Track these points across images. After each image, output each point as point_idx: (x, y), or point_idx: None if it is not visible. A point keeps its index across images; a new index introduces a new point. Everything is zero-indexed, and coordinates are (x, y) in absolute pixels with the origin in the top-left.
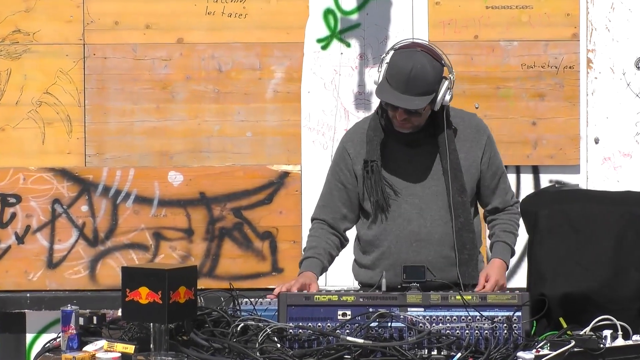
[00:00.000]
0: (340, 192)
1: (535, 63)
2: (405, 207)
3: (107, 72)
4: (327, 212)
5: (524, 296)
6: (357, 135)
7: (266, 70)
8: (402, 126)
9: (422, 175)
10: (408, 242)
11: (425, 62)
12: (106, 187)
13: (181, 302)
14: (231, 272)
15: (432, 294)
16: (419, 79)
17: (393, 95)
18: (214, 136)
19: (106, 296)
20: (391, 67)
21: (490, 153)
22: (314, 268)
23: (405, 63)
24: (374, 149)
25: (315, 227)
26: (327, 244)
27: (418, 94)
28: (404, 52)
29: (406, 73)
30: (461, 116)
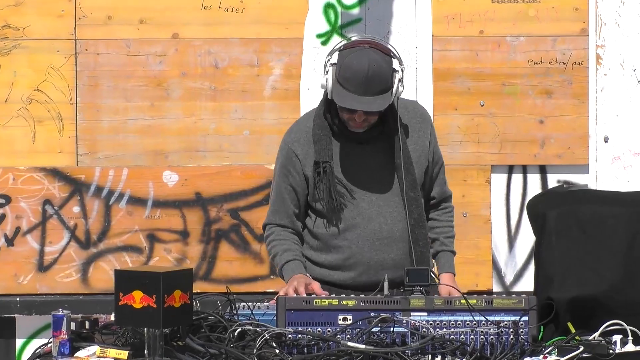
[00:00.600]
0: (291, 195)
1: (542, 59)
2: (363, 205)
3: (99, 68)
4: (282, 216)
5: (531, 300)
6: (302, 135)
7: (264, 66)
8: (359, 126)
9: (376, 172)
10: (370, 241)
11: (379, 58)
12: (99, 187)
13: (176, 307)
14: (228, 275)
15: (435, 298)
16: (376, 77)
17: (354, 99)
18: (210, 135)
19: (99, 300)
20: (344, 70)
21: (434, 142)
22: (301, 270)
23: (359, 63)
24: (325, 148)
25: (275, 231)
26: (296, 244)
27: (377, 93)
28: (353, 51)
29: (363, 74)
30: (404, 105)
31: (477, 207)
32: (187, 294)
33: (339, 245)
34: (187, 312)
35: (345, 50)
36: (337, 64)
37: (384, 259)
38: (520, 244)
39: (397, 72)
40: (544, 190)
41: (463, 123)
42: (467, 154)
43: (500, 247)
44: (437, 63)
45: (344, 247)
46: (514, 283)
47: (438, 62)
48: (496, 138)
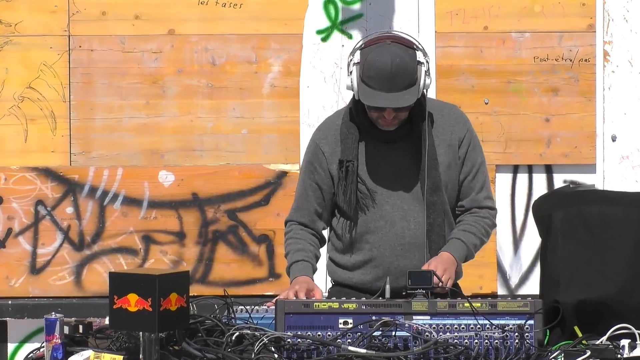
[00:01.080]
0: (316, 193)
1: (548, 56)
2: (387, 208)
3: (93, 65)
4: (304, 214)
5: (537, 303)
6: (330, 132)
7: (263, 63)
8: (389, 124)
9: (401, 174)
10: (392, 246)
11: (401, 53)
12: (93, 187)
13: (172, 310)
14: (225, 277)
15: (439, 301)
16: (400, 72)
17: (380, 97)
18: (207, 134)
19: (93, 303)
20: (367, 68)
21: (468, 147)
22: (308, 272)
23: (382, 60)
24: (350, 147)
25: (293, 229)
26: (311, 245)
27: (404, 88)
28: (375, 48)
29: (387, 70)
30: (440, 108)
31: None
32: (184, 297)
33: (360, 248)
34: (184, 315)
35: (367, 48)
36: (360, 63)
37: (405, 265)
38: (525, 245)
39: (422, 64)
40: (550, 190)
41: None
42: None
43: (505, 248)
44: (441, 60)
45: (365, 250)
46: (519, 286)
47: (441, 58)
48: (501, 137)
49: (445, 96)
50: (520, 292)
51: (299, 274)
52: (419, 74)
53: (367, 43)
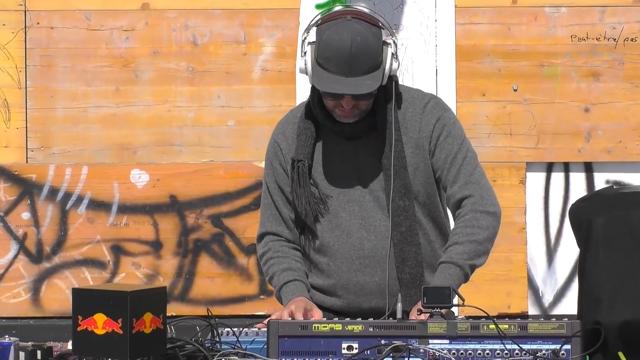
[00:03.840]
0: (282, 197)
1: (588, 34)
2: (344, 216)
3: (54, 45)
4: (277, 222)
5: (574, 325)
6: (289, 127)
7: (253, 43)
8: (348, 115)
9: (362, 175)
10: (349, 260)
11: (363, 30)
12: (53, 189)
13: (147, 333)
14: (209, 294)
15: (459, 323)
16: (362, 53)
17: (338, 82)
18: (187, 125)
19: (53, 325)
20: (323, 48)
21: (438, 139)
22: (302, 292)
23: (340, 38)
24: (303, 145)
25: (273, 245)
26: (298, 262)
27: (365, 72)
28: (333, 24)
29: (346, 51)
30: (412, 99)
31: (509, 212)
32: (160, 317)
33: (318, 262)
34: (160, 339)
35: (324, 24)
36: (315, 42)
37: (365, 282)
38: (561, 257)
39: (389, 45)
40: (589, 192)
41: (492, 111)
42: (497, 148)
43: (538, 261)
44: (462, 39)
45: (323, 265)
46: (554, 304)
47: (462, 37)
48: (532, 130)
49: (466, 82)
50: (555, 312)
51: (293, 295)
52: (385, 56)
53: (324, 19)
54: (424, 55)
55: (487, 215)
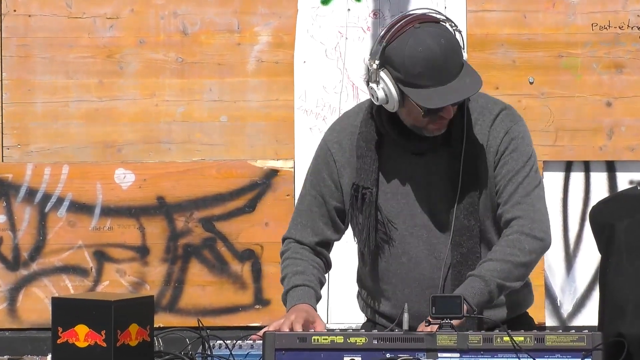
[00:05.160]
0: (321, 209)
1: (610, 22)
2: (411, 241)
3: (32, 34)
4: (306, 233)
5: (596, 337)
6: (345, 136)
7: (247, 32)
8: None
9: (429, 195)
10: (419, 290)
11: (439, 31)
12: (31, 190)
13: (132, 346)
14: (200, 304)
15: (470, 335)
16: (450, 55)
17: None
18: (176, 121)
19: (30, 337)
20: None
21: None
22: (309, 299)
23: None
24: (368, 170)
25: (292, 248)
26: (314, 267)
27: (459, 72)
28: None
29: (437, 59)
30: (483, 107)
31: None
32: (147, 329)
33: (383, 290)
34: (147, 352)
35: (394, 42)
36: (392, 65)
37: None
38: (580, 264)
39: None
40: (611, 194)
41: None
42: None
43: (556, 268)
44: (473, 28)
45: (389, 293)
46: (573, 315)
47: (474, 26)
48: (550, 126)
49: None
50: (574, 324)
51: (298, 301)
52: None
53: (389, 38)
54: None
55: (533, 240)
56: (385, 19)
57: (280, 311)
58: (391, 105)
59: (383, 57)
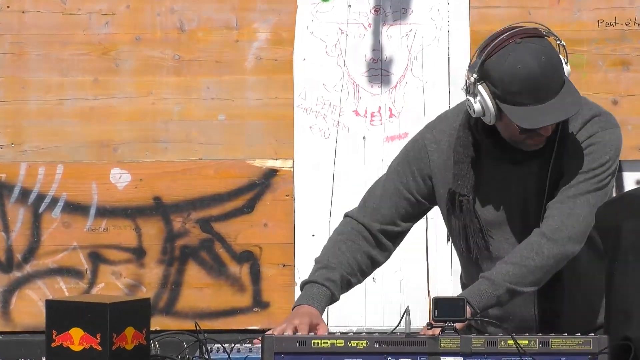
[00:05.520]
0: (401, 202)
1: (617, 19)
2: (506, 247)
3: (25, 31)
4: (375, 218)
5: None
6: (444, 138)
7: (245, 29)
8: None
9: (525, 203)
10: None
11: (540, 47)
12: (24, 190)
13: (128, 349)
14: (197, 307)
15: (473, 338)
16: (550, 73)
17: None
18: (173, 120)
19: (24, 340)
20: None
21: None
22: (318, 302)
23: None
24: (465, 176)
25: (348, 232)
26: (353, 265)
27: (559, 90)
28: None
29: (537, 77)
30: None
31: None
32: (143, 332)
33: None
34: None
35: (493, 57)
36: (491, 78)
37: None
38: None
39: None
40: (618, 194)
41: None
42: None
43: None
44: (476, 24)
45: None
46: None
47: (477, 23)
48: None
49: None
50: None
51: (306, 301)
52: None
53: (490, 51)
54: (434, 42)
55: (554, 245)
56: (387, 15)
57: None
58: (488, 119)
59: (482, 71)
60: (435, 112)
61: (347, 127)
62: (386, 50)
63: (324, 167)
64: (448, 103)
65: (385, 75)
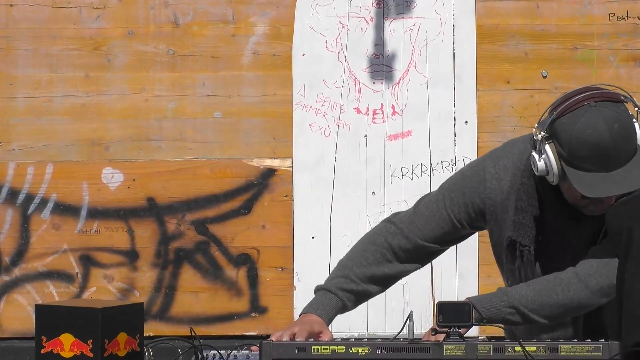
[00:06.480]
0: (448, 228)
1: (628, 12)
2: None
3: (13, 25)
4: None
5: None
6: (507, 176)
7: (242, 23)
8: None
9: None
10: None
11: (615, 114)
12: (13, 190)
13: (120, 356)
14: (192, 312)
15: (480, 344)
16: (621, 142)
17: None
18: (167, 118)
19: (12, 347)
20: (575, 146)
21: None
22: (326, 311)
23: (595, 131)
24: (527, 225)
25: (381, 243)
26: (374, 277)
27: (628, 159)
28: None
29: (607, 145)
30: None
31: None
32: (136, 338)
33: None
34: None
35: (565, 117)
36: (559, 138)
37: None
38: None
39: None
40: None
41: (518, 101)
42: None
43: None
44: (482, 18)
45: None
46: None
47: (484, 16)
48: None
49: (488, 67)
50: None
51: (313, 309)
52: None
53: (562, 110)
54: (439, 37)
55: (584, 289)
56: (389, 8)
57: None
58: (551, 178)
59: (551, 129)
60: (440, 109)
61: (348, 125)
62: (389, 45)
63: (324, 166)
64: (453, 100)
65: (388, 71)
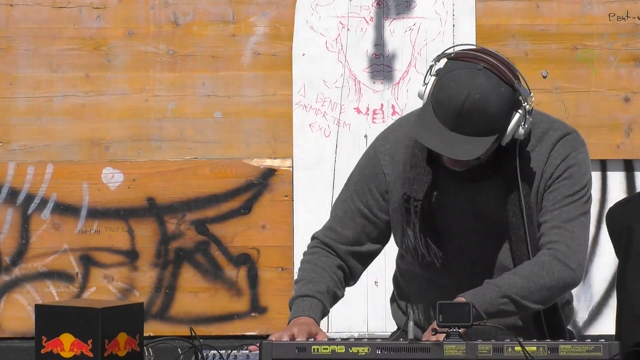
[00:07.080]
0: (363, 221)
1: (629, 12)
2: (456, 265)
3: (14, 25)
4: (340, 240)
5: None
6: (399, 149)
7: (242, 23)
8: (453, 166)
9: (480, 223)
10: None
11: (488, 88)
12: (13, 190)
13: (120, 356)
14: (192, 312)
15: (480, 344)
16: (474, 113)
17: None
18: (167, 118)
19: (12, 347)
20: (439, 89)
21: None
22: (313, 313)
23: (457, 87)
24: (420, 181)
25: (318, 252)
26: (332, 279)
27: (474, 134)
28: (459, 67)
29: (457, 104)
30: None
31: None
32: (136, 338)
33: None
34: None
35: (453, 62)
36: (437, 77)
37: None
38: (597, 269)
39: (516, 112)
40: (630, 194)
41: None
42: None
43: None
44: (482, 18)
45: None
46: (589, 323)
47: (483, 16)
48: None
49: None
50: (590, 332)
51: (302, 313)
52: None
53: (458, 54)
54: (439, 37)
55: (565, 268)
56: (390, 8)
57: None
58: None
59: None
60: None
61: (348, 125)
62: (389, 45)
63: (324, 166)
64: None
65: (388, 71)
